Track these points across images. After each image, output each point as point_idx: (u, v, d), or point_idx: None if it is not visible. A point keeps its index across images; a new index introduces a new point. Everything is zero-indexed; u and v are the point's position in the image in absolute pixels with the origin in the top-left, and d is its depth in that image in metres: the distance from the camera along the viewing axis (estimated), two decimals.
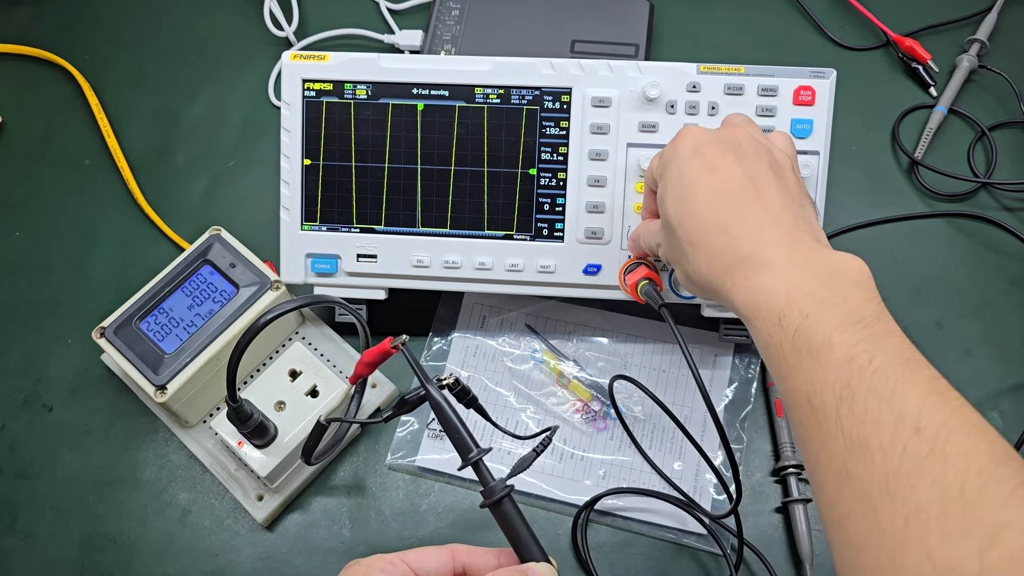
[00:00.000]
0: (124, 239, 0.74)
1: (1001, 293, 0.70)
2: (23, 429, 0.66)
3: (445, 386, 0.51)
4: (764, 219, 0.46)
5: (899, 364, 0.39)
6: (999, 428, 0.64)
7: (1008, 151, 0.75)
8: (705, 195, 0.48)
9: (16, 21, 0.84)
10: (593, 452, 0.64)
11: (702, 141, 0.49)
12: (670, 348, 0.67)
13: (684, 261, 0.49)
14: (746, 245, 0.46)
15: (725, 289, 0.46)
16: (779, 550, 0.61)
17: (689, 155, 0.49)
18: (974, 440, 0.36)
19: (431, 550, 0.47)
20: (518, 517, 0.47)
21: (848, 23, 0.82)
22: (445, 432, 0.48)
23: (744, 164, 0.48)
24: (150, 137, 0.78)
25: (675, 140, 0.51)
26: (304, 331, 0.68)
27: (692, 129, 0.51)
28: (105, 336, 0.62)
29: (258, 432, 0.58)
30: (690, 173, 0.49)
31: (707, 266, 0.47)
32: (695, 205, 0.48)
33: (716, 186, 0.48)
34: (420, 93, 0.62)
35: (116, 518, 0.63)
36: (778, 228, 0.46)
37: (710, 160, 0.48)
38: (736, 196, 0.47)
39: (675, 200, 0.49)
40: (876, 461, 0.37)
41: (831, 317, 0.41)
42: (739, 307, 0.45)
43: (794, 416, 0.42)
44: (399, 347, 0.50)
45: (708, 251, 0.47)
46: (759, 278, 0.44)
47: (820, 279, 0.43)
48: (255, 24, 0.82)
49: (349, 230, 0.64)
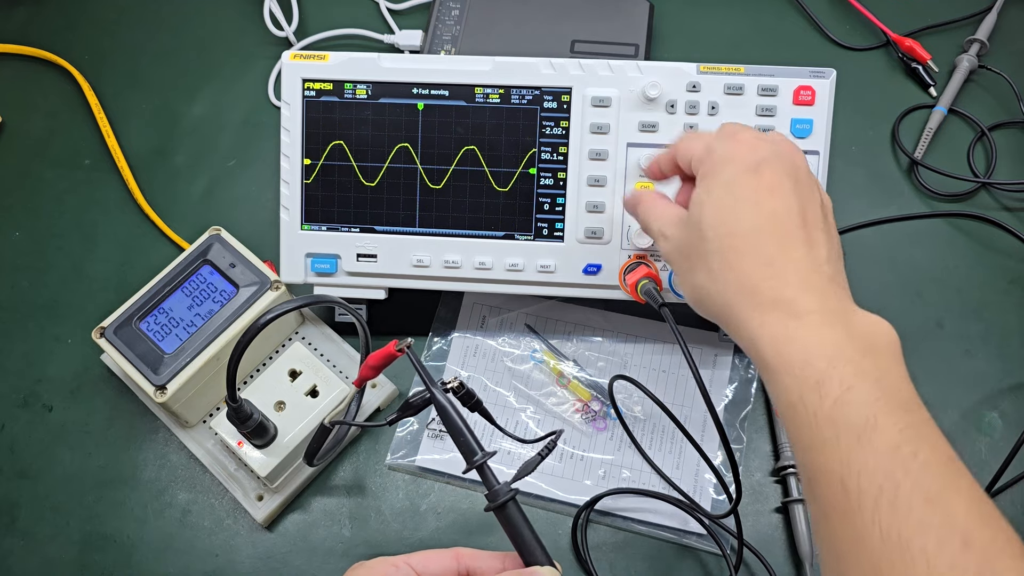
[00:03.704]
0: (124, 239, 0.74)
1: (1001, 293, 0.70)
2: (23, 429, 0.66)
3: (449, 389, 0.51)
4: (810, 264, 0.43)
5: (944, 462, 0.37)
6: (999, 428, 0.64)
7: (1008, 151, 0.75)
8: (757, 216, 0.44)
9: (16, 21, 0.84)
10: (593, 452, 0.64)
11: (764, 158, 0.46)
12: (670, 348, 0.67)
13: (704, 275, 0.46)
14: (788, 286, 0.42)
15: (749, 325, 0.43)
16: (779, 550, 0.61)
17: (749, 167, 0.45)
18: (1019, 563, 0.34)
19: (435, 553, 0.47)
20: (523, 521, 0.46)
21: (848, 23, 0.82)
22: (450, 435, 0.48)
23: (799, 197, 0.45)
24: (150, 137, 0.78)
25: (731, 141, 0.47)
26: (304, 331, 0.68)
27: (748, 135, 0.47)
28: (105, 336, 0.62)
29: (258, 432, 0.58)
30: (747, 187, 0.45)
31: (735, 292, 0.44)
32: (741, 223, 0.44)
33: (770, 211, 0.44)
34: (420, 93, 0.62)
35: (116, 518, 0.63)
36: (821, 277, 0.43)
37: (769, 181, 0.45)
38: (787, 229, 0.44)
39: (719, 207, 0.45)
40: (918, 568, 0.34)
41: (874, 394, 0.38)
42: (763, 353, 0.42)
43: (817, 493, 0.39)
44: (404, 350, 0.50)
45: (742, 276, 0.44)
46: (797, 329, 0.41)
47: (860, 347, 0.40)
48: (255, 24, 0.82)
49: (349, 230, 0.64)
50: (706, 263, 0.45)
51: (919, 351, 0.67)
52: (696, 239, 0.46)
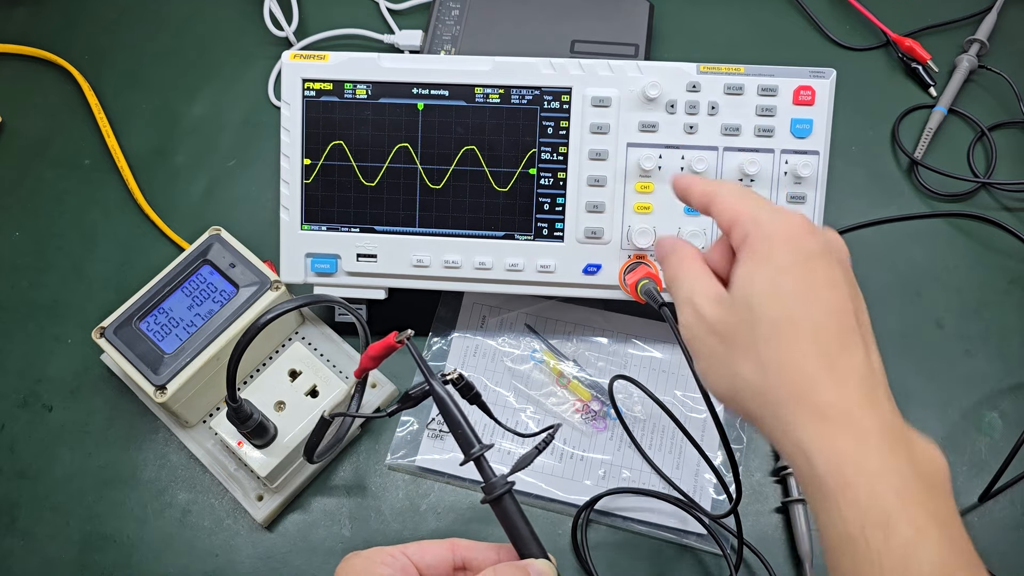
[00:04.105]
0: (124, 239, 0.74)
1: (1001, 293, 0.70)
2: (23, 429, 0.66)
3: (449, 381, 0.51)
4: (868, 370, 0.39)
5: None
6: (999, 428, 0.64)
7: (1008, 151, 0.75)
8: (816, 309, 0.40)
9: (16, 21, 0.84)
10: (593, 452, 0.64)
11: (820, 246, 0.41)
12: (670, 348, 0.67)
13: (750, 366, 0.40)
14: (850, 395, 0.38)
15: (802, 433, 0.38)
16: (779, 550, 0.61)
17: (806, 254, 0.41)
18: None
19: (431, 543, 0.47)
20: (518, 514, 0.47)
21: (848, 23, 0.82)
22: (448, 427, 0.48)
23: (852, 296, 0.41)
24: (150, 137, 0.78)
25: (782, 219, 0.42)
26: (304, 331, 0.68)
27: (800, 217, 0.42)
28: (105, 336, 0.62)
29: (258, 432, 0.58)
30: (804, 275, 0.40)
31: (788, 392, 0.39)
32: (801, 314, 0.39)
33: (829, 305, 0.40)
34: (420, 93, 0.62)
35: (116, 518, 0.63)
36: (881, 389, 0.39)
37: (826, 273, 0.41)
38: (846, 328, 0.40)
39: (775, 292, 0.40)
40: None
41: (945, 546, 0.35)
42: (818, 471, 0.37)
43: None
44: (404, 342, 0.50)
45: (800, 375, 0.39)
46: (861, 451, 0.37)
47: (925, 481, 0.37)
48: (255, 24, 0.82)
49: (349, 230, 0.64)
50: (755, 353, 0.40)
51: (919, 351, 0.68)
52: (743, 323, 0.41)
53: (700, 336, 0.43)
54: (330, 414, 0.55)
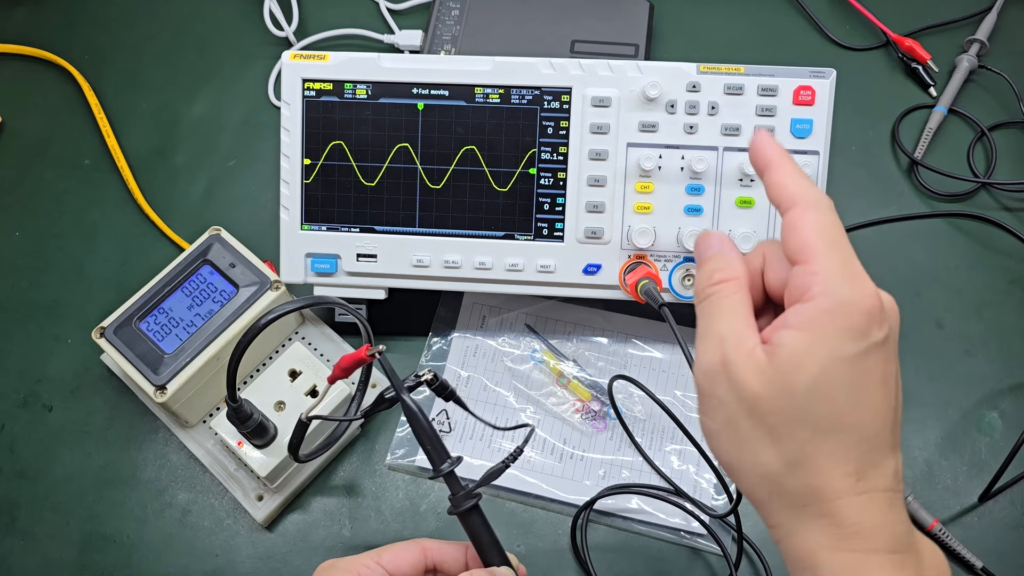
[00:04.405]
0: (124, 239, 0.74)
1: (1001, 293, 0.70)
2: (23, 429, 0.66)
3: (423, 382, 0.51)
4: (893, 482, 0.37)
5: None
6: (999, 428, 0.64)
7: (1008, 151, 0.75)
8: (862, 410, 0.36)
9: (16, 21, 0.84)
10: (593, 452, 0.64)
11: (885, 334, 0.37)
12: (670, 348, 0.67)
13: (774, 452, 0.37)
14: (871, 514, 0.36)
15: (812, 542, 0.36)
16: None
17: (871, 344, 0.36)
18: None
19: (403, 548, 0.48)
20: (482, 525, 0.48)
21: (848, 23, 0.82)
22: (418, 441, 0.49)
23: (897, 391, 0.38)
24: (150, 137, 0.78)
25: (853, 286, 0.37)
26: (304, 331, 0.68)
27: (872, 286, 0.38)
28: (105, 336, 0.62)
29: (258, 432, 0.58)
30: (860, 367, 0.36)
31: (806, 492, 0.36)
32: (845, 412, 0.36)
33: (876, 407, 0.36)
34: (420, 93, 0.62)
35: (116, 518, 0.63)
36: (899, 502, 0.37)
37: (884, 369, 0.37)
38: (885, 433, 0.37)
39: (826, 379, 0.36)
40: None
41: None
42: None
43: None
44: (375, 356, 0.50)
45: (823, 479, 0.36)
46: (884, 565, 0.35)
47: None
48: (255, 24, 0.82)
49: (349, 230, 0.64)
50: (784, 445, 0.36)
51: (919, 351, 0.68)
52: (782, 410, 0.36)
53: (722, 397, 0.38)
54: (307, 416, 0.55)
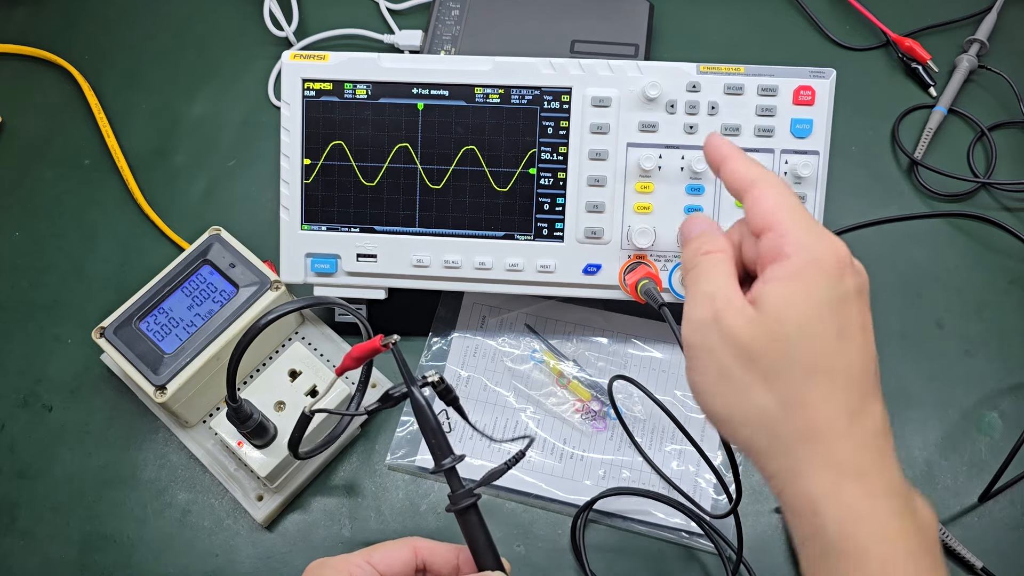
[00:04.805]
0: (124, 239, 0.74)
1: (1001, 293, 0.70)
2: (23, 429, 0.66)
3: (429, 383, 0.51)
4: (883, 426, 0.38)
5: None
6: (999, 428, 0.64)
7: (1008, 151, 0.75)
8: (848, 353, 0.38)
9: (16, 21, 0.84)
10: (593, 452, 0.64)
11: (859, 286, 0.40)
12: (670, 348, 0.67)
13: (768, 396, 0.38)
14: (867, 451, 0.37)
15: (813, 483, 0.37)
16: (779, 550, 0.61)
17: (847, 292, 0.39)
18: None
19: (394, 547, 0.48)
20: (479, 526, 0.48)
21: (848, 23, 0.82)
22: (423, 434, 0.49)
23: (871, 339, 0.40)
24: (150, 137, 0.78)
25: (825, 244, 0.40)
26: (304, 331, 0.68)
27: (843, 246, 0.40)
28: (105, 336, 0.62)
29: (258, 432, 0.58)
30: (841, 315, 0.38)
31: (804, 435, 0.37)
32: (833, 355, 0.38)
33: (861, 351, 0.38)
34: (420, 93, 0.62)
35: (116, 518, 0.63)
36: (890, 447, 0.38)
37: (862, 317, 0.39)
38: (870, 377, 0.39)
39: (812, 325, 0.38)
40: None
41: None
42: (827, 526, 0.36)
43: None
44: (389, 346, 0.50)
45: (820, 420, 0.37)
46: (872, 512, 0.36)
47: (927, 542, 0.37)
48: (255, 24, 0.82)
49: (349, 230, 0.64)
50: (780, 385, 0.38)
51: (919, 351, 0.68)
52: (773, 352, 0.38)
53: (714, 347, 0.39)
54: (311, 410, 0.55)
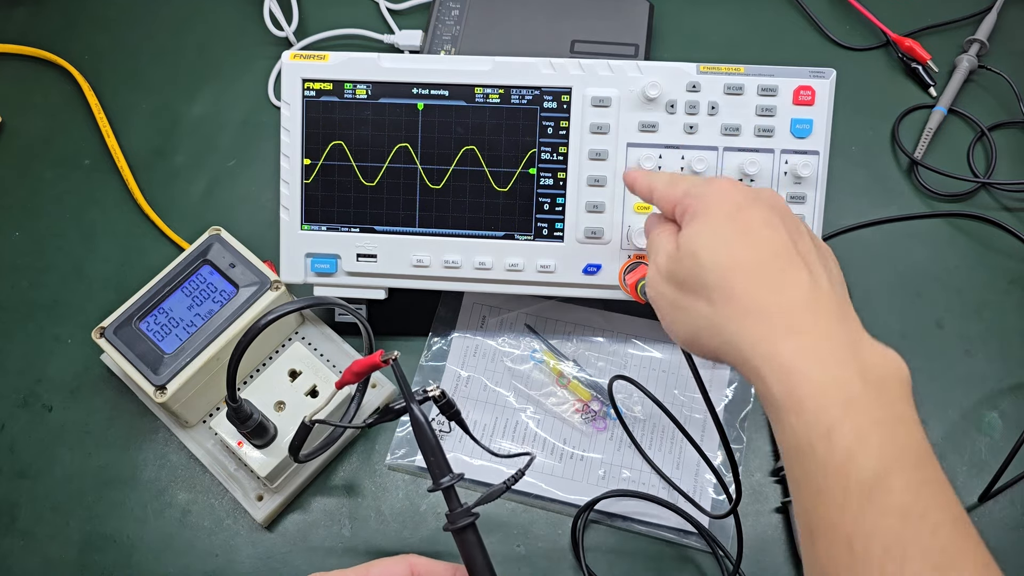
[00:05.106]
0: (124, 239, 0.74)
1: (1001, 293, 0.70)
2: (23, 429, 0.66)
3: (431, 398, 0.51)
4: (814, 289, 0.42)
5: (952, 522, 0.36)
6: (999, 428, 0.64)
7: (1008, 151, 0.75)
8: (754, 248, 0.43)
9: (16, 21, 0.84)
10: (593, 452, 0.64)
11: (747, 197, 0.46)
12: (670, 348, 0.67)
13: (704, 306, 0.44)
14: (796, 312, 0.41)
15: (754, 356, 0.40)
16: (779, 550, 0.61)
17: (737, 205, 0.45)
18: None
19: (390, 564, 0.48)
20: (478, 545, 0.47)
21: (848, 23, 0.82)
22: (421, 452, 0.48)
23: (788, 230, 0.45)
24: (150, 137, 0.78)
25: (710, 185, 0.47)
26: (304, 331, 0.68)
27: (725, 180, 0.47)
28: (105, 336, 0.62)
29: (258, 432, 0.58)
30: (739, 222, 0.44)
31: (739, 322, 0.41)
32: (741, 256, 0.43)
33: (767, 242, 0.44)
34: (420, 93, 0.62)
35: (116, 518, 0.63)
36: (828, 303, 0.42)
37: (759, 215, 0.45)
38: (786, 258, 0.43)
39: (715, 243, 0.44)
40: None
41: (888, 448, 0.37)
42: (771, 389, 0.39)
43: (819, 547, 0.37)
44: (389, 362, 0.50)
45: (749, 305, 0.42)
46: (807, 365, 0.39)
47: (873, 388, 0.38)
48: (255, 24, 0.82)
49: (349, 230, 0.64)
50: (705, 292, 0.44)
51: (919, 351, 0.68)
52: (692, 269, 0.45)
53: (659, 289, 0.47)
54: (310, 420, 0.55)
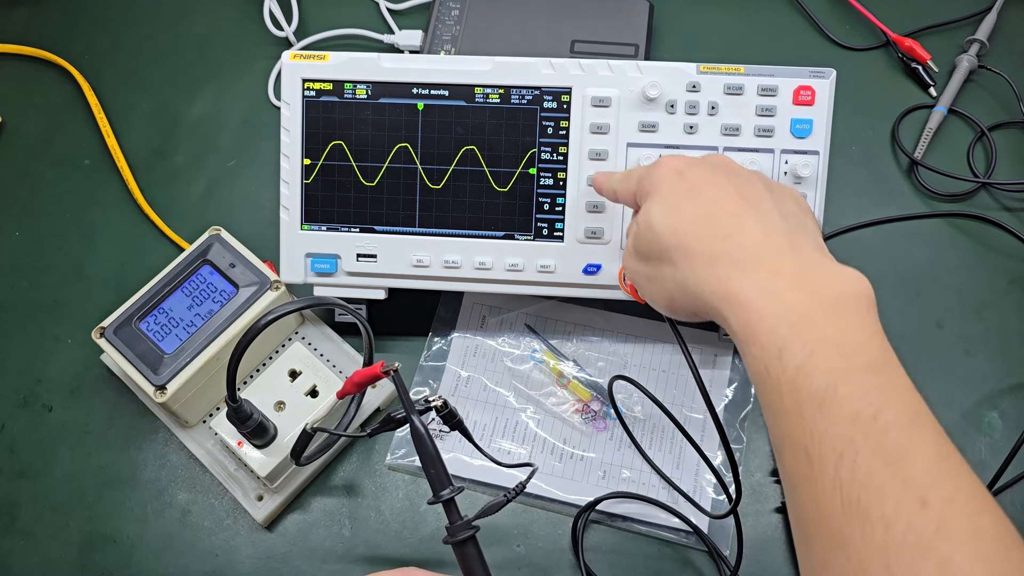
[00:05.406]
0: (124, 239, 0.74)
1: (1001, 293, 0.70)
2: (23, 429, 0.66)
3: (432, 407, 0.50)
4: (763, 227, 0.45)
5: (907, 423, 0.37)
6: (999, 428, 0.64)
7: (1008, 151, 0.75)
8: (699, 205, 0.47)
9: (16, 21, 0.84)
10: (593, 452, 0.64)
11: (687, 163, 0.49)
12: (670, 348, 0.67)
13: (668, 270, 0.47)
14: (745, 251, 0.44)
15: (716, 300, 0.43)
16: (779, 550, 0.61)
17: (678, 173, 0.49)
18: (981, 520, 0.34)
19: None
20: (478, 559, 0.47)
21: (848, 23, 0.82)
22: (421, 463, 0.49)
23: (733, 182, 0.48)
24: (150, 137, 0.78)
25: (654, 165, 0.51)
26: (304, 331, 0.68)
27: (667, 156, 0.51)
28: (105, 336, 0.62)
29: (258, 432, 0.58)
30: (682, 187, 0.48)
31: (699, 275, 0.45)
32: (688, 215, 0.46)
33: (710, 197, 0.47)
34: (420, 93, 0.62)
35: (116, 518, 0.63)
36: (777, 237, 0.44)
37: (700, 175, 0.48)
38: (731, 207, 0.46)
39: (665, 211, 0.47)
40: (876, 532, 0.34)
41: (836, 360, 0.38)
42: (732, 326, 0.42)
43: (785, 461, 0.40)
44: (390, 373, 0.50)
45: (703, 258, 0.45)
46: (760, 297, 0.41)
47: (825, 307, 0.40)
48: (255, 24, 0.82)
49: (349, 230, 0.64)
50: (669, 260, 0.47)
51: (919, 351, 0.68)
52: (652, 241, 0.48)
53: (632, 267, 0.51)
54: (312, 428, 0.55)
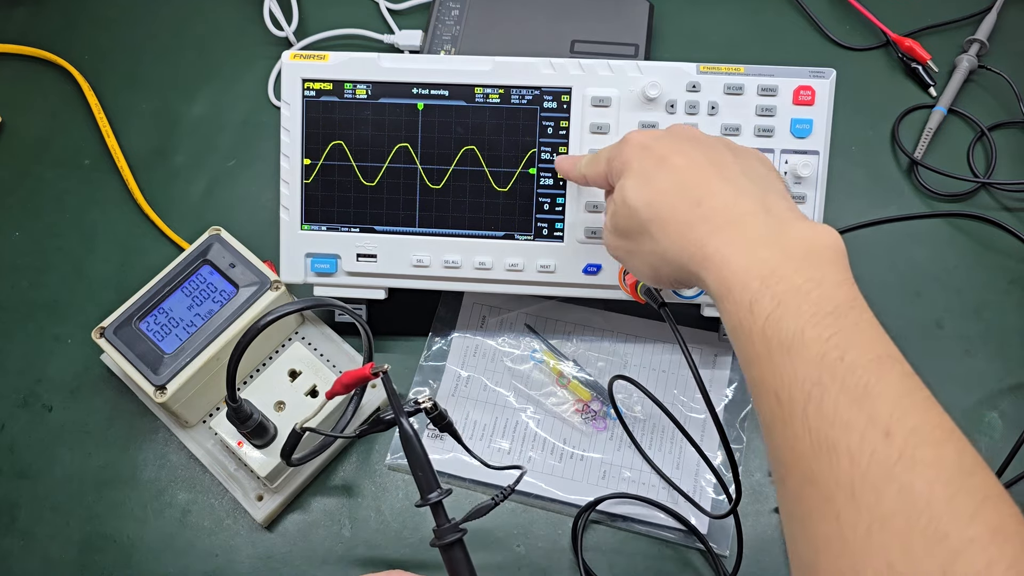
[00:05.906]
0: (124, 239, 0.74)
1: (1001, 293, 0.70)
2: (23, 429, 0.66)
3: (423, 409, 0.50)
4: (733, 191, 0.46)
5: (871, 361, 0.38)
6: (999, 428, 0.64)
7: (1008, 151, 0.75)
8: (669, 176, 0.48)
9: (16, 21, 0.84)
10: (593, 452, 0.64)
11: (654, 137, 0.50)
12: (670, 348, 0.67)
13: (648, 243, 0.48)
14: (717, 214, 0.45)
15: (693, 264, 0.45)
16: (779, 550, 0.61)
17: (645, 148, 0.50)
18: (944, 448, 0.35)
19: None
20: (465, 562, 0.47)
21: (848, 23, 0.82)
22: (409, 466, 0.48)
23: (701, 151, 0.49)
24: (150, 137, 0.78)
25: (621, 143, 0.51)
26: (304, 331, 0.68)
27: (633, 132, 0.52)
28: (105, 336, 0.62)
29: (258, 432, 0.58)
30: (650, 161, 0.49)
31: (677, 243, 0.46)
32: (660, 187, 0.48)
33: (679, 167, 0.48)
34: (420, 93, 0.62)
35: (116, 518, 0.63)
36: (748, 199, 0.45)
37: (667, 147, 0.49)
38: (701, 175, 0.47)
39: (637, 187, 0.48)
40: (843, 465, 0.35)
41: (804, 307, 0.40)
42: (710, 286, 0.44)
43: (760, 407, 0.41)
44: (379, 375, 0.50)
45: (679, 226, 0.46)
46: (732, 255, 0.43)
47: (794, 260, 0.42)
48: (255, 24, 0.82)
49: (349, 230, 0.64)
50: (647, 233, 0.48)
51: (919, 351, 0.67)
52: (629, 218, 0.49)
53: (613, 244, 0.52)
54: (301, 428, 0.55)
